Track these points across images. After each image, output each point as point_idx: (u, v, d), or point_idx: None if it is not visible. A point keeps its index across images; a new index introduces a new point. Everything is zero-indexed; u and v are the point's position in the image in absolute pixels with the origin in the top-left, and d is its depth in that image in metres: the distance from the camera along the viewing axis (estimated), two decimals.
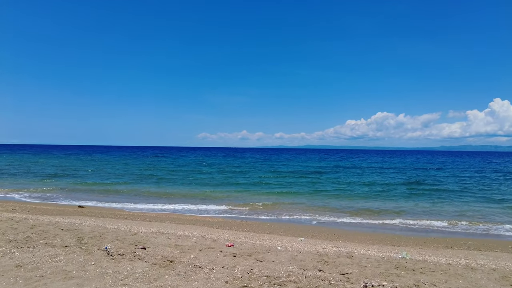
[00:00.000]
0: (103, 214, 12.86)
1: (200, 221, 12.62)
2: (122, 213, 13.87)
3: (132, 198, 19.11)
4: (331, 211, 15.80)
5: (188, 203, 17.64)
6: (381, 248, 8.96)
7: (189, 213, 15.14)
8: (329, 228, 12.43)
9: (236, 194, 21.12)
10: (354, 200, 19.16)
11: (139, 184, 25.50)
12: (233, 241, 8.30)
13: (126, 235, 8.17)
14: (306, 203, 17.98)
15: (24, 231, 7.86)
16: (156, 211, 15.22)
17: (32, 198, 18.18)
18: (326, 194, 21.34)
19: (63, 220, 10.28)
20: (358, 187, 24.74)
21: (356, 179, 30.86)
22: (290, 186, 25.27)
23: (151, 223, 11.05)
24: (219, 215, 14.83)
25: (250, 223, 12.90)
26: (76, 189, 22.42)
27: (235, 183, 26.58)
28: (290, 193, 21.59)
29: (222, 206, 16.86)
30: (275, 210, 16.11)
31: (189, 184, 26.04)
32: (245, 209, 16.25)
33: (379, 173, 38.02)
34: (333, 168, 46.63)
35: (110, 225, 9.84)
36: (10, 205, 14.40)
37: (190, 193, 21.06)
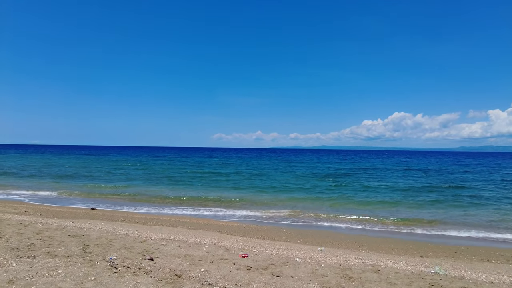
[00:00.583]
0: (114, 217, 12.52)
1: (213, 226, 12.10)
2: (134, 216, 13.52)
3: (146, 200, 18.81)
4: (352, 217, 14.99)
5: (202, 206, 17.21)
6: (409, 260, 8.18)
7: (203, 216, 14.67)
8: (350, 235, 11.68)
9: (252, 197, 20.53)
10: (376, 204, 18.22)
11: (155, 186, 25.29)
12: (248, 251, 7.71)
13: (135, 243, 7.71)
14: (325, 208, 17.23)
15: (30, 237, 7.51)
16: (169, 214, 14.81)
17: (47, 200, 18.15)
18: (347, 198, 20.40)
19: (72, 224, 9.94)
20: (381, 191, 23.63)
21: (377, 182, 29.55)
22: (308, 189, 24.33)
23: (162, 228, 10.60)
24: (234, 219, 14.29)
25: (266, 228, 12.29)
26: (92, 190, 22.37)
27: (252, 186, 25.95)
28: (309, 197, 20.78)
29: (237, 210, 16.33)
30: (292, 214, 15.44)
31: (205, 186, 25.63)
32: (260, 214, 15.65)
33: (403, 176, 36.32)
34: (353, 170, 45.07)
35: (119, 230, 9.43)
36: (24, 207, 14.29)
37: (205, 196, 20.63)
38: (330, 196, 20.77)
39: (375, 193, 22.29)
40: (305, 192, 22.63)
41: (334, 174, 37.72)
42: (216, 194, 21.06)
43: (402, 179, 32.74)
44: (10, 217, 10.50)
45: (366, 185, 26.55)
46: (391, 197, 20.81)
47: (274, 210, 16.38)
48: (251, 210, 16.25)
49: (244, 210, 16.26)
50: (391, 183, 28.24)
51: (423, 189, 24.49)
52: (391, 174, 38.24)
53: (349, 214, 15.60)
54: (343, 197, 20.67)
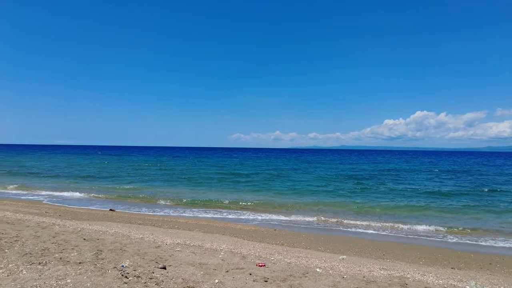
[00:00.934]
0: (131, 220, 12.46)
1: (230, 230, 11.81)
2: (151, 218, 13.43)
3: (164, 201, 18.79)
4: (376, 222, 14.35)
5: (220, 208, 17.00)
6: (440, 272, 7.57)
7: (220, 219, 14.42)
8: (374, 242, 11.09)
9: (271, 199, 20.15)
10: (402, 209, 17.31)
11: (174, 187, 25.36)
12: (265, 259, 7.34)
13: (149, 248, 7.50)
14: (348, 211, 16.60)
15: (45, 241, 7.45)
16: (187, 217, 14.66)
17: (68, 201, 18.46)
18: (371, 201, 19.58)
19: (89, 226, 9.89)
20: (408, 194, 22.55)
21: (404, 184, 28.21)
22: (331, 191, 23.52)
23: (179, 232, 10.40)
24: (252, 222, 13.96)
25: (285, 233, 11.88)
26: (112, 191, 22.63)
27: (271, 188, 25.51)
28: (330, 199, 20.10)
29: (255, 213, 16.01)
30: (312, 218, 14.95)
31: (224, 187, 25.42)
32: (279, 217, 15.24)
33: (430, 178, 34.45)
34: (377, 171, 43.30)
35: (135, 233, 9.29)
36: (45, 207, 14.51)
37: (223, 197, 20.43)
38: (353, 200, 19.95)
39: (402, 197, 21.25)
40: (327, 195, 21.96)
41: (357, 175, 36.40)
42: (234, 196, 20.80)
43: (429, 181, 31.16)
44: (30, 219, 10.59)
45: (392, 188, 25.45)
46: (419, 201, 19.76)
47: (293, 214, 15.94)
48: (269, 213, 15.89)
49: (263, 213, 15.91)
50: (418, 186, 26.94)
51: (453, 193, 23.09)
52: (418, 176, 36.51)
53: (373, 218, 14.96)
54: (367, 200, 19.88)
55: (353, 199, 20.23)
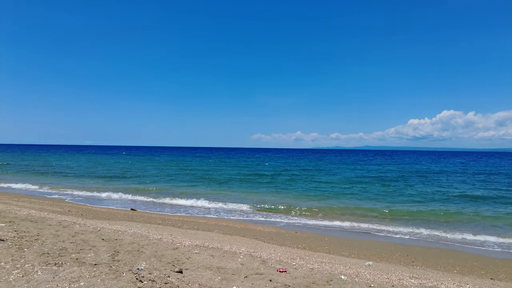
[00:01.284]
0: (151, 219, 12.41)
1: (251, 232, 11.51)
2: (171, 218, 13.35)
3: (186, 201, 18.76)
4: (404, 225, 13.64)
5: (241, 209, 16.75)
6: (477, 283, 6.95)
7: (241, 220, 14.16)
8: (401, 247, 10.47)
9: (294, 200, 19.71)
10: (435, 214, 16.33)
11: (197, 187, 25.36)
12: (286, 264, 6.98)
13: (166, 250, 7.31)
14: (373, 215, 15.86)
15: (64, 240, 7.41)
16: (207, 217, 14.50)
17: (91, 200, 18.78)
18: (399, 204, 18.68)
19: (109, 226, 9.87)
20: (439, 197, 21.28)
21: (436, 187, 26.46)
22: (356, 194, 22.42)
23: (198, 233, 10.20)
24: (273, 224, 13.61)
25: (307, 236, 11.45)
26: (135, 191, 22.89)
27: (294, 189, 24.99)
28: (356, 202, 19.33)
29: (277, 214, 15.66)
30: (336, 221, 14.41)
31: (246, 188, 25.10)
32: (302, 220, 14.81)
33: (463, 180, 31.68)
34: (406, 172, 40.92)
35: (154, 234, 9.16)
36: (69, 206, 14.76)
37: (245, 198, 20.22)
38: (380, 202, 19.06)
39: (432, 200, 20.01)
40: (352, 197, 21.10)
41: (384, 177, 34.78)
42: (256, 197, 20.51)
43: (462, 183, 29.15)
44: (53, 217, 10.72)
45: (421, 190, 24.09)
46: (450, 204, 18.50)
47: (316, 216, 15.47)
48: (291, 215, 15.48)
49: (285, 215, 15.53)
50: (450, 188, 25.39)
51: (489, 197, 21.24)
52: (449, 178, 34.34)
53: (400, 222, 14.26)
54: (394, 203, 19.02)
55: (379, 201, 19.39)
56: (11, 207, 12.24)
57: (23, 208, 12.55)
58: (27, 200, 15.51)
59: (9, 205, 13.12)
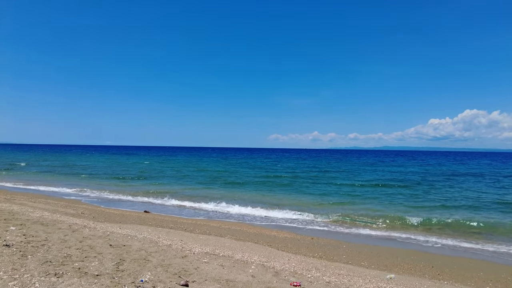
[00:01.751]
0: (163, 223, 12.14)
1: (264, 237, 11.05)
2: (184, 222, 13.07)
3: (200, 204, 18.51)
4: (429, 233, 12.86)
5: (256, 213, 16.33)
6: None
7: (256, 225, 13.73)
8: (425, 256, 9.76)
9: (312, 203, 19.12)
10: (459, 219, 15.33)
11: (215, 189, 25.08)
12: (301, 276, 6.49)
13: (175, 258, 6.96)
14: (394, 220, 15.03)
15: (71, 246, 7.19)
16: (220, 220, 14.15)
17: (106, 201, 18.81)
18: (425, 209, 17.58)
19: (119, 230, 9.65)
20: (470, 202, 19.85)
21: (465, 191, 24.47)
22: (378, 198, 21.01)
23: (209, 238, 9.82)
24: (288, 229, 13.11)
25: (323, 242, 10.88)
26: (150, 192, 22.86)
27: (311, 192, 24.27)
28: (378, 208, 18.16)
29: (293, 218, 15.15)
30: (355, 227, 13.77)
31: (261, 190, 24.60)
32: (319, 223, 14.24)
33: (495, 185, 28.85)
34: (431, 175, 38.15)
35: (164, 239, 8.85)
36: (83, 208, 14.73)
37: (260, 200, 19.80)
38: (403, 207, 18.01)
39: (465, 207, 18.28)
40: (373, 201, 20.04)
41: (407, 179, 32.86)
42: (273, 200, 19.95)
43: (495, 188, 26.39)
44: (64, 220, 10.61)
45: (450, 196, 22.25)
46: (481, 211, 17.08)
47: (335, 221, 14.85)
48: (308, 220, 14.91)
49: (301, 219, 14.99)
50: (483, 194, 23.18)
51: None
52: (479, 181, 31.65)
53: (424, 229, 13.46)
54: (419, 208, 17.98)
55: (401, 206, 18.45)
56: (25, 209, 12.26)
57: (37, 209, 12.55)
58: (43, 201, 15.61)
59: (24, 206, 13.18)
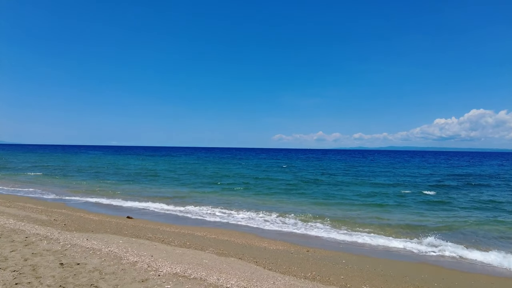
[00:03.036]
0: (141, 232, 10.86)
1: (252, 250, 9.73)
2: (167, 230, 11.80)
3: (190, 208, 17.28)
4: (443, 238, 11.42)
5: (251, 218, 15.03)
6: None
7: (246, 231, 12.41)
8: (441, 271, 8.34)
9: (311, 209, 17.74)
10: (485, 225, 13.91)
11: (215, 192, 23.89)
12: None
13: (132, 283, 5.70)
14: (405, 228, 13.53)
15: (7, 267, 5.97)
16: (207, 227, 12.86)
17: (91, 205, 17.67)
18: (449, 217, 15.82)
19: (84, 242, 8.40)
20: (490, 205, 18.22)
21: (495, 195, 22.35)
22: (391, 205, 18.60)
23: (186, 252, 8.51)
24: (282, 238, 11.78)
25: (320, 255, 9.50)
26: (149, 195, 21.71)
27: (310, 197, 22.95)
28: (391, 216, 16.45)
29: (289, 225, 13.82)
30: (356, 234, 12.38)
31: (260, 194, 23.10)
32: (318, 233, 12.87)
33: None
34: (449, 177, 35.65)
35: (131, 254, 7.59)
36: (59, 213, 13.53)
37: (257, 204, 18.55)
38: (421, 215, 15.93)
39: (487, 211, 16.67)
40: (381, 208, 17.93)
41: (421, 183, 29.47)
42: (272, 205, 18.50)
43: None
44: (25, 229, 9.43)
45: (477, 200, 20.26)
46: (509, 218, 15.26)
47: (335, 228, 13.49)
48: (307, 227, 13.53)
49: (299, 225, 13.66)
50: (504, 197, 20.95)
51: None
52: (498, 184, 29.04)
53: (439, 236, 12.02)
54: (440, 214, 16.28)
55: (420, 213, 16.48)
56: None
57: (4, 215, 11.41)
58: (20, 205, 14.49)
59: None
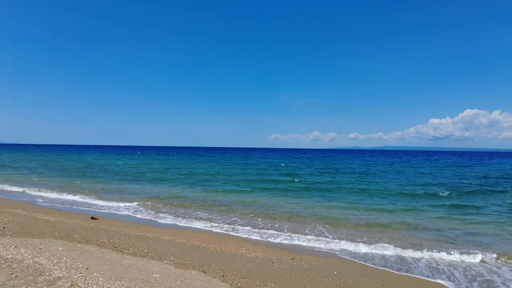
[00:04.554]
0: (95, 237, 9.07)
1: (224, 259, 8.01)
2: (129, 233, 10.09)
3: (167, 210, 15.61)
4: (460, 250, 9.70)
5: (232, 224, 13.35)
6: None
7: (223, 234, 10.72)
8: None
9: (306, 210, 16.09)
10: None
11: (195, 191, 22.13)
12: None
13: None
14: (434, 234, 11.74)
15: None
16: (181, 228, 11.17)
17: (64, 203, 16.01)
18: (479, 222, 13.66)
19: (6, 251, 6.66)
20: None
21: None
22: (409, 210, 15.83)
23: (136, 264, 6.74)
24: (265, 242, 10.09)
25: (306, 266, 7.77)
26: (136, 195, 20.02)
27: (306, 197, 21.27)
28: (389, 221, 14.03)
29: (276, 227, 12.13)
30: (350, 242, 10.67)
31: (250, 192, 21.62)
32: (307, 237, 11.17)
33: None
34: (463, 178, 32.05)
35: (60, 267, 5.89)
36: (14, 213, 11.81)
37: (249, 204, 16.89)
38: (448, 221, 13.62)
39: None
40: (398, 215, 14.79)
41: (430, 185, 26.10)
42: (260, 205, 16.82)
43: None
44: None
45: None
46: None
47: (326, 232, 11.80)
48: (295, 231, 11.83)
49: (287, 228, 11.97)
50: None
51: None
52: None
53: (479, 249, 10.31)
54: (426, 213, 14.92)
55: (444, 220, 14.12)
56: None
57: None
58: None
59: None
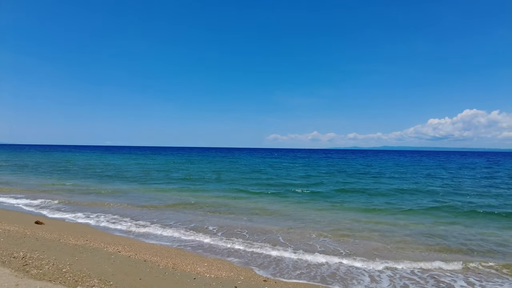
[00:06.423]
0: (5, 251, 7.31)
1: (164, 282, 6.24)
2: (66, 243, 8.32)
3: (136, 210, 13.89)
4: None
5: (206, 232, 11.63)
6: None
7: (177, 246, 8.98)
8: None
9: (291, 215, 14.33)
10: None
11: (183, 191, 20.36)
12: None
13: None
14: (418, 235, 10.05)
15: None
16: (135, 236, 9.44)
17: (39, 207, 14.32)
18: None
19: None
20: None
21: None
22: (427, 213, 14.13)
23: None
24: (233, 254, 8.32)
25: None
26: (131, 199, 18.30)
27: (293, 199, 19.46)
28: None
29: (272, 247, 10.36)
30: (345, 257, 8.88)
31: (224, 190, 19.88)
32: (286, 249, 9.40)
33: None
34: (474, 180, 29.12)
35: None
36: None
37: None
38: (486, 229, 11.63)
39: None
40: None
41: (432, 188, 23.07)
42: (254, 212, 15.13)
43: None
44: None
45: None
46: None
47: (315, 243, 10.03)
48: (274, 242, 9.98)
49: (268, 239, 10.19)
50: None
51: None
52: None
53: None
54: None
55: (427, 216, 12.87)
56: None
57: None
58: None
59: None
